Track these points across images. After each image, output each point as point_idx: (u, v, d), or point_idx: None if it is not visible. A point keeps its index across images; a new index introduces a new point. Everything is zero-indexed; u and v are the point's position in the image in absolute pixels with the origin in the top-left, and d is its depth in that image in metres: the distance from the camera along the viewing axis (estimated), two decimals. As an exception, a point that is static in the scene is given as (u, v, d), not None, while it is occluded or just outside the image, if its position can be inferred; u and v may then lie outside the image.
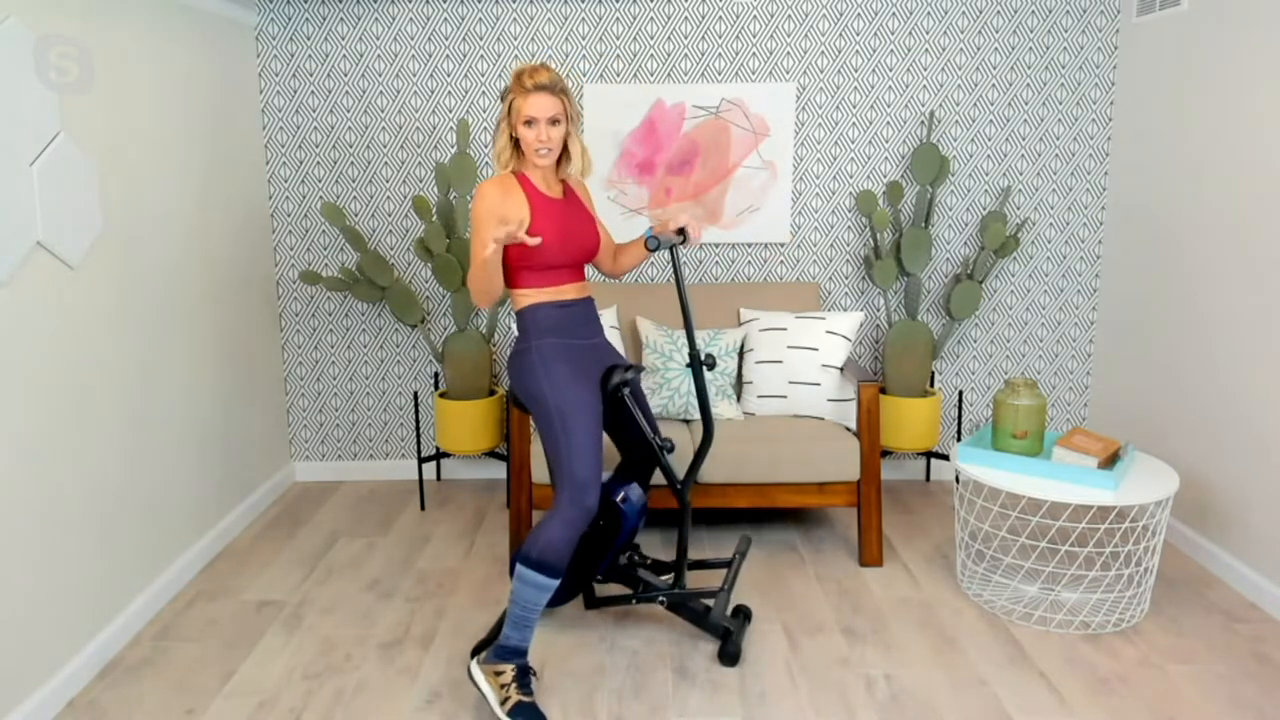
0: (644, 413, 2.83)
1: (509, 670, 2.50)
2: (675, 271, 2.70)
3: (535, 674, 2.59)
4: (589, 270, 2.81)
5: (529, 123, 2.51)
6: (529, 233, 2.50)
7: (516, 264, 2.57)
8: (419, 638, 2.95)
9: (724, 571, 3.29)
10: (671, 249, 2.66)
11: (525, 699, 2.45)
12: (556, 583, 2.47)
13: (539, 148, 2.52)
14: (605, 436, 2.80)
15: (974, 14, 4.03)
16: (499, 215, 2.50)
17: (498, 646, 2.53)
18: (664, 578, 2.98)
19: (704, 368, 2.74)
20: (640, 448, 2.88)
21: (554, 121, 2.51)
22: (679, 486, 2.84)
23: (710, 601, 2.86)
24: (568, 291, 2.64)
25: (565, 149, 2.62)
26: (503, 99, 2.56)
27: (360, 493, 4.25)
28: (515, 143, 2.58)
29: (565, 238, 2.59)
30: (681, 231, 2.69)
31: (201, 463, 3.48)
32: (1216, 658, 2.81)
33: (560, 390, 2.54)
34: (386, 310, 4.24)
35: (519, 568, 2.47)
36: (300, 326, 4.27)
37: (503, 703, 2.47)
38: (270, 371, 4.16)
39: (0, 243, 2.34)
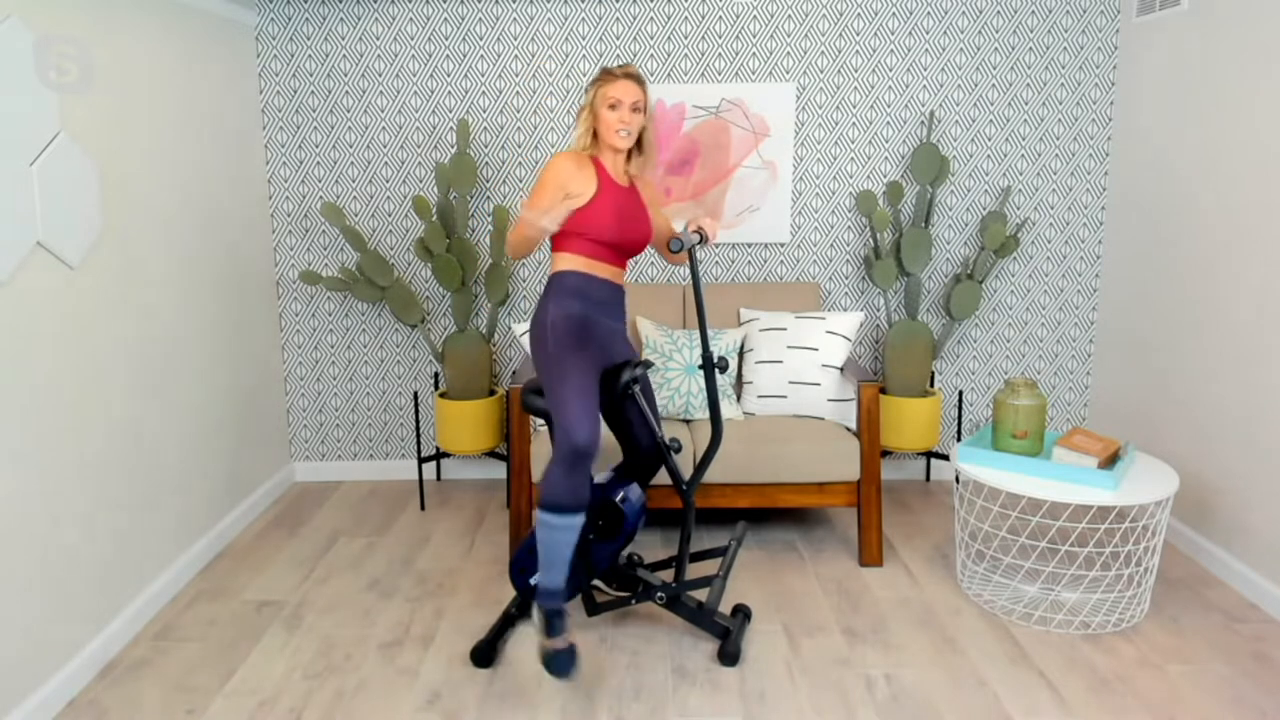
0: (651, 409, 2.85)
1: (539, 615, 2.60)
2: (693, 272, 2.71)
3: (566, 613, 2.60)
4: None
5: (613, 106, 2.65)
6: (590, 204, 2.64)
7: (569, 229, 2.67)
8: (419, 638, 2.95)
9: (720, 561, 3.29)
10: (690, 250, 2.67)
11: (553, 645, 2.55)
12: (569, 519, 2.53)
13: (620, 129, 2.65)
14: (612, 436, 2.83)
15: (974, 14, 4.03)
16: (563, 185, 2.63)
17: (536, 587, 2.64)
18: (660, 574, 2.98)
19: (716, 370, 2.74)
20: (643, 448, 2.89)
21: (635, 109, 2.66)
22: (684, 487, 2.84)
23: (705, 592, 2.85)
24: (603, 270, 2.73)
25: (637, 144, 2.75)
26: (589, 89, 2.71)
27: (360, 493, 4.25)
28: (593, 134, 2.72)
29: (621, 221, 2.71)
30: (699, 231, 2.72)
31: (201, 463, 3.48)
32: (1216, 658, 2.81)
33: (563, 340, 2.63)
34: (386, 310, 4.24)
35: (536, 512, 2.59)
36: (300, 326, 4.27)
37: (540, 650, 2.58)
38: (270, 371, 4.16)
39: (0, 243, 2.34)
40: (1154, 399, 3.78)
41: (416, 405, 4.03)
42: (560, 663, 2.54)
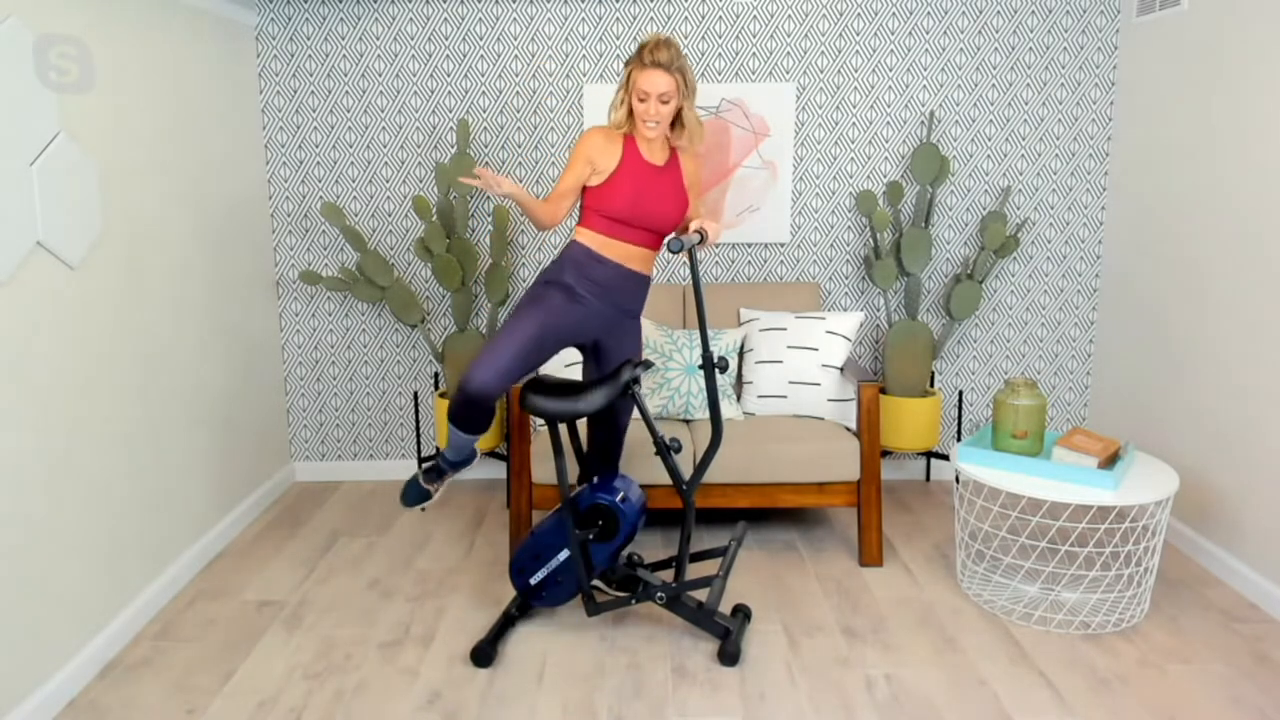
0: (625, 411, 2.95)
1: (433, 465, 2.98)
2: (693, 273, 2.71)
3: (445, 479, 2.98)
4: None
5: (642, 99, 2.67)
6: (608, 181, 2.74)
7: (589, 204, 2.79)
8: (419, 638, 2.95)
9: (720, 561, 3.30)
10: (690, 250, 2.67)
11: (423, 484, 2.96)
12: (463, 436, 2.80)
13: (648, 120, 2.70)
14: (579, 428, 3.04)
15: (974, 14, 4.03)
16: (590, 159, 2.74)
17: (442, 453, 2.97)
18: (660, 574, 2.98)
19: (716, 370, 2.74)
20: (601, 439, 3.00)
21: (663, 100, 2.67)
22: (684, 487, 2.84)
23: (705, 592, 2.86)
24: (616, 250, 2.77)
25: (682, 117, 2.77)
26: (626, 65, 2.72)
27: (360, 493, 4.25)
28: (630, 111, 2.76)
29: (638, 200, 2.74)
30: (700, 231, 2.72)
31: (202, 463, 3.48)
32: (1216, 658, 2.81)
33: (536, 298, 2.76)
34: (386, 310, 4.24)
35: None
36: (300, 326, 4.27)
37: (410, 482, 3.00)
38: (270, 372, 4.16)
39: (0, 243, 2.34)
40: (1154, 399, 3.78)
41: (416, 405, 4.03)
42: (415, 495, 2.97)
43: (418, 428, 4.06)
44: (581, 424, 3.36)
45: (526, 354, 2.68)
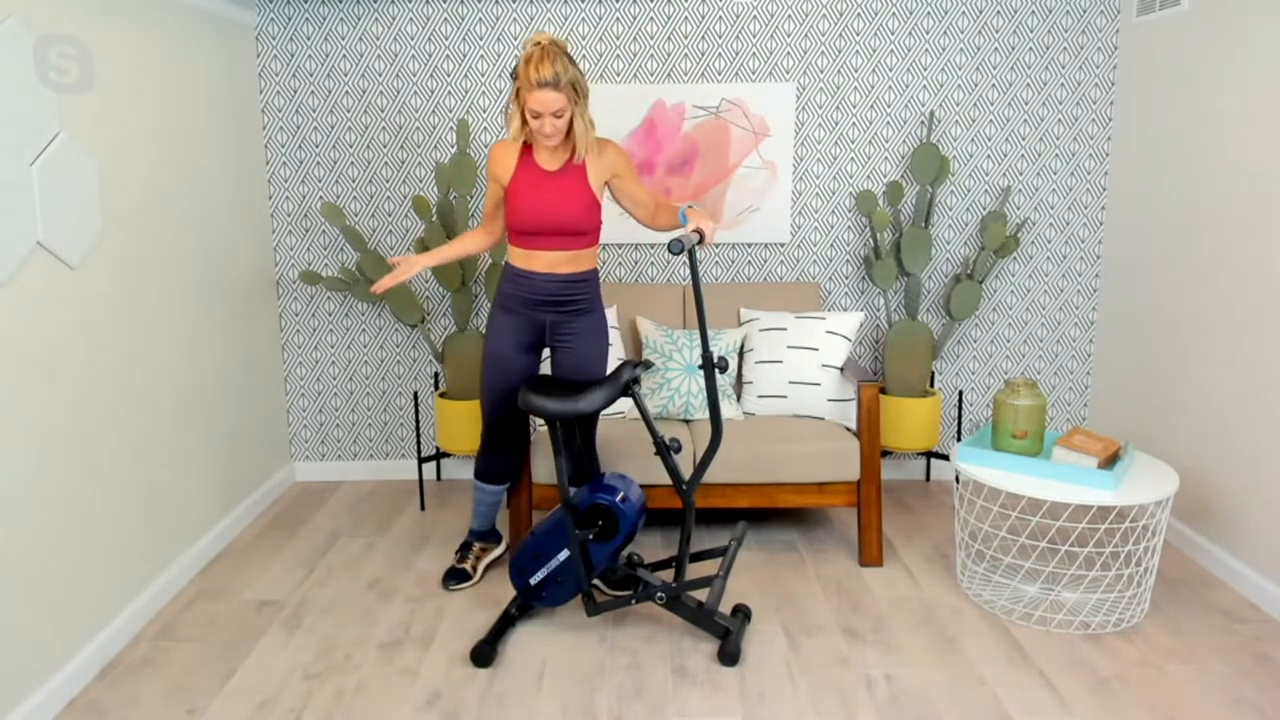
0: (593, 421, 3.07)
1: (465, 543, 3.35)
2: (692, 273, 2.71)
3: (475, 553, 3.32)
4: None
5: (536, 116, 2.69)
6: (508, 191, 2.87)
7: (506, 222, 2.94)
8: (419, 638, 2.95)
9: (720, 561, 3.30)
10: (690, 250, 2.67)
11: (458, 564, 3.28)
12: (485, 486, 3.23)
13: (544, 136, 2.73)
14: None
15: (974, 14, 4.03)
16: (494, 176, 2.90)
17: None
18: (660, 574, 2.98)
19: (716, 370, 2.74)
20: (578, 441, 3.05)
21: (557, 115, 2.69)
22: (684, 487, 2.84)
23: (705, 592, 2.86)
24: (539, 262, 2.89)
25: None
26: (513, 77, 2.72)
27: (360, 493, 4.25)
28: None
29: (535, 208, 2.81)
30: (698, 231, 2.72)
31: (202, 463, 3.48)
32: (1216, 658, 2.81)
33: (492, 335, 3.00)
34: (386, 310, 4.24)
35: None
36: (300, 326, 4.27)
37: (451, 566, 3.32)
38: (270, 371, 4.16)
39: (0, 243, 2.34)
40: (1154, 399, 3.78)
41: (416, 405, 4.03)
42: (454, 576, 3.23)
43: (418, 428, 4.06)
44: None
45: (495, 376, 3.01)
